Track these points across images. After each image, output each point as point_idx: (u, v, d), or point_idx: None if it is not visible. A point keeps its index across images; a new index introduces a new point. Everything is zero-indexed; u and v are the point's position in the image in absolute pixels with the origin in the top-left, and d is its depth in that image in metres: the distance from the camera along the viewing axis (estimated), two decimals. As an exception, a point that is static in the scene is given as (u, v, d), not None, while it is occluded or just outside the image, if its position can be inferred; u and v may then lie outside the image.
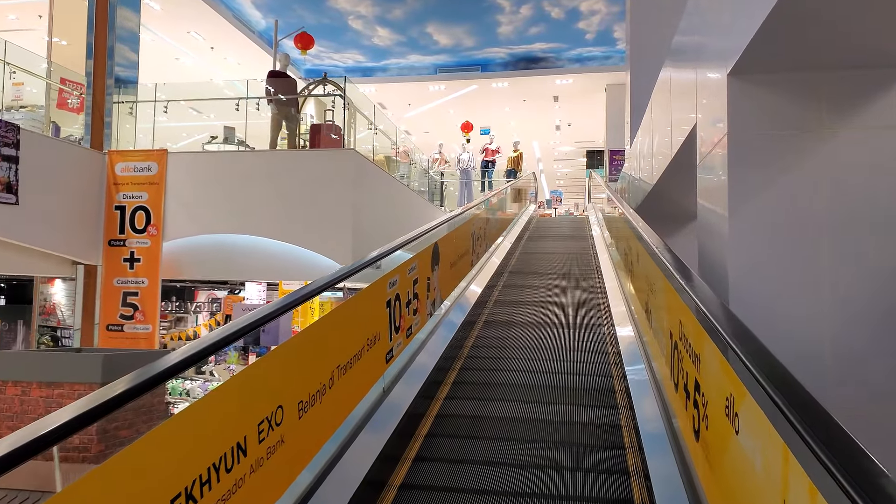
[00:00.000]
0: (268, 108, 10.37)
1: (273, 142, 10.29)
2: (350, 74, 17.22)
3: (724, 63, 3.12)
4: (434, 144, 17.23)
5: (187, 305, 15.54)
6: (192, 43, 14.36)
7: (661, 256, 3.23)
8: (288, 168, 9.12)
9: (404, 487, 2.85)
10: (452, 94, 17.45)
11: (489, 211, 8.46)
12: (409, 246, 4.23)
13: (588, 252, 9.07)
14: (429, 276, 4.03)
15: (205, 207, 9.18)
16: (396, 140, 12.34)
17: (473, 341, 4.82)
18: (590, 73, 15.98)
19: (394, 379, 3.58)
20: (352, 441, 2.89)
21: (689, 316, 2.42)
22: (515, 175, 16.30)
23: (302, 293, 2.49)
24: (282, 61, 10.70)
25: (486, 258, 7.64)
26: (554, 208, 21.61)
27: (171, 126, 13.20)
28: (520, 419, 3.55)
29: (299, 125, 10.71)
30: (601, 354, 4.56)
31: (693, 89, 4.05)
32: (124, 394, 1.49)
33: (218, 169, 9.25)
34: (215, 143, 11.60)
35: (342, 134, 9.29)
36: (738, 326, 1.97)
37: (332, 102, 10.01)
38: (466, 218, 6.17)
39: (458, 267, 5.20)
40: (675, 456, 2.82)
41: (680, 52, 4.72)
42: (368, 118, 10.89)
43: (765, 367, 1.59)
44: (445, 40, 15.20)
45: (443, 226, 5.15)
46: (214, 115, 12.73)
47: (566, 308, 5.87)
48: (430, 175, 16.22)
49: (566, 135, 22.00)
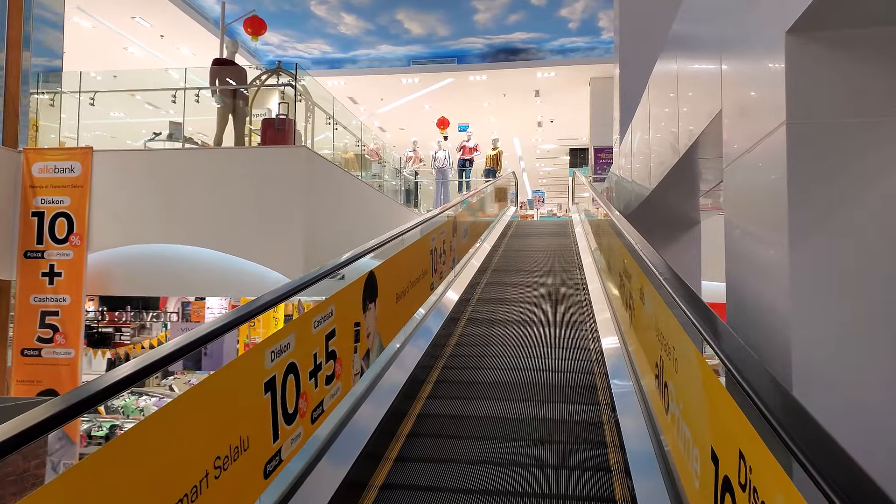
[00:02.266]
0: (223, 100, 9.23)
1: (218, 139, 9.13)
2: (316, 66, 16.05)
3: (779, 18, 2.06)
4: (410, 142, 16.11)
5: (143, 315, 14.38)
6: (139, 30, 13.08)
7: (681, 305, 2.17)
8: (232, 169, 7.97)
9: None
10: (427, 87, 16.30)
11: (463, 215, 7.37)
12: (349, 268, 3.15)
13: (576, 281, 8.03)
14: (357, 320, 2.94)
15: (137, 214, 7.99)
16: (362, 137, 11.19)
17: (413, 427, 3.50)
18: (573, 65, 14.92)
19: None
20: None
21: (738, 424, 1.36)
22: (494, 174, 15.24)
23: (209, 328, 1.90)
24: (230, 47, 9.52)
25: (452, 276, 6.54)
26: (536, 209, 20.57)
27: (131, 122, 12.04)
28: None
29: (250, 120, 9.58)
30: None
31: (715, 70, 3.00)
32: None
33: (153, 170, 8.06)
34: (159, 141, 10.45)
35: (293, 129, 8.13)
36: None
37: (282, 94, 8.86)
38: (429, 227, 5.08)
39: (412, 296, 4.10)
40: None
41: (692, 28, 3.67)
42: (327, 112, 9.74)
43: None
44: (418, 29, 14.06)
45: (394, 242, 4.05)
46: (174, 110, 11.57)
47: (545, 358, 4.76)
48: (403, 175, 15.10)
49: (549, 131, 20.95)
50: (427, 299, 4.85)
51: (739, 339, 1.83)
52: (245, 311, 2.11)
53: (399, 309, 3.73)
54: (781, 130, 2.08)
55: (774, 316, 2.16)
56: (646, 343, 2.99)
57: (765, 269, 2.27)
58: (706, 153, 3.80)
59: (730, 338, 1.75)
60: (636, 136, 6.79)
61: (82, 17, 12.46)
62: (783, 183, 2.06)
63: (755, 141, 2.32)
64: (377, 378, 3.54)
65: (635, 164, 6.90)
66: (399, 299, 3.73)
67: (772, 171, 2.18)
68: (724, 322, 1.97)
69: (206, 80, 9.08)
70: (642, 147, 6.19)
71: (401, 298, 3.75)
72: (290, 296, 2.40)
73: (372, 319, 3.13)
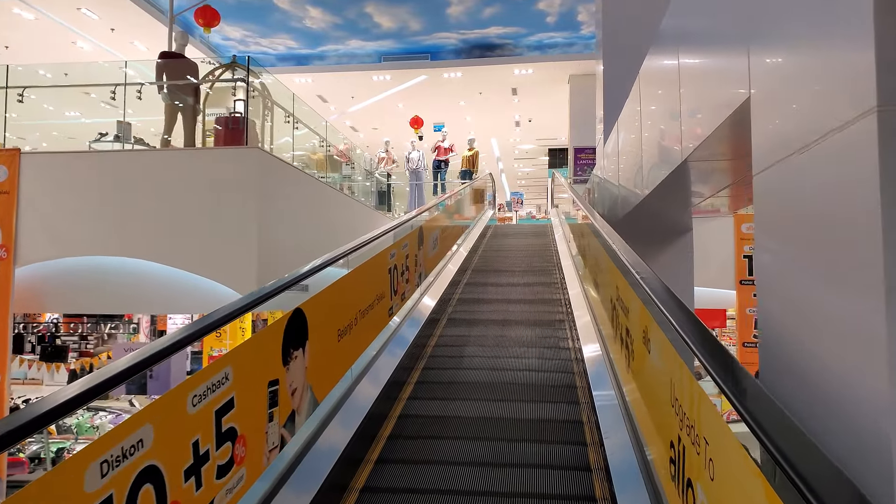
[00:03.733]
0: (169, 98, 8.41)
1: (165, 139, 8.33)
2: (283, 63, 15.21)
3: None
4: (383, 142, 15.34)
5: (100, 326, 13.48)
6: (87, 23, 12.13)
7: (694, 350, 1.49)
8: (180, 173, 7.17)
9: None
10: (400, 85, 15.52)
11: (433, 223, 6.65)
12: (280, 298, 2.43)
13: (556, 285, 7.36)
14: (275, 377, 2.21)
15: (73, 223, 7.16)
16: (327, 137, 10.40)
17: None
18: (551, 61, 14.25)
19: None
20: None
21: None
22: (471, 176, 14.54)
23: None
24: (178, 39, 8.70)
25: (419, 293, 5.80)
26: (515, 211, 19.89)
27: (87, 122, 11.13)
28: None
29: (204, 120, 8.77)
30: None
31: (739, 61, 2.33)
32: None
33: (93, 174, 7.23)
34: (106, 142, 9.60)
35: (248, 129, 7.33)
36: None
37: (234, 91, 8.07)
38: (387, 242, 4.35)
39: (362, 328, 3.36)
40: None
41: (699, 18, 3.00)
42: (287, 110, 8.96)
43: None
44: (388, 23, 13.29)
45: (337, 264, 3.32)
46: (134, 108, 10.71)
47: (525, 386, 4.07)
48: (375, 177, 14.33)
49: (527, 131, 20.30)
50: (387, 325, 4.11)
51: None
52: (177, 338, 1.88)
53: (343, 348, 3.00)
54: (868, 120, 1.40)
55: (853, 395, 1.47)
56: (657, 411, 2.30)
57: (834, 323, 1.58)
58: (718, 154, 3.14)
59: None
60: (623, 136, 6.13)
61: (23, 8, 11.50)
62: (872, 193, 1.37)
63: (817, 136, 1.64)
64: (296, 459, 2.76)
65: (622, 166, 6.25)
66: (343, 336, 2.99)
67: (849, 176, 1.50)
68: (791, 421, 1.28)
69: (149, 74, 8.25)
70: (631, 147, 5.53)
71: (345, 335, 3.01)
72: (213, 328, 2.02)
73: (299, 371, 2.40)
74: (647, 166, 4.53)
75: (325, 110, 17.60)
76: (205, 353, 12.09)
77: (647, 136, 4.58)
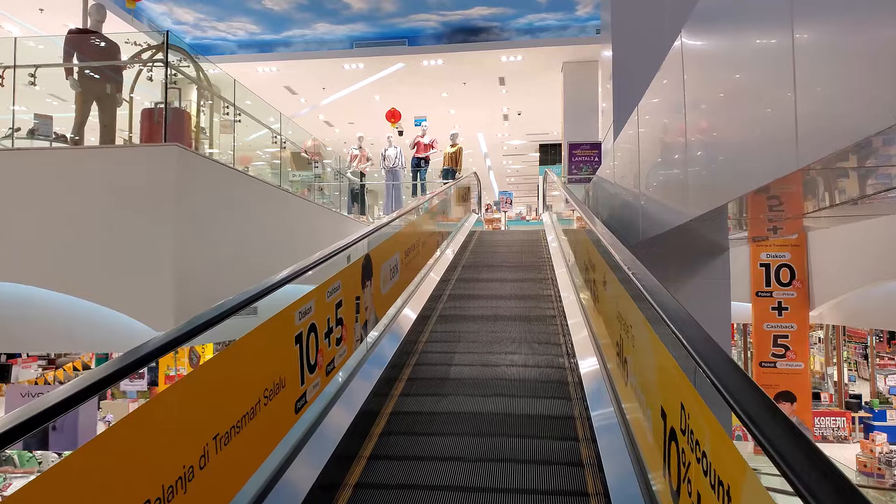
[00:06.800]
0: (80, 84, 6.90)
1: (77, 134, 6.83)
2: (244, 50, 13.64)
3: None
4: (356, 137, 13.83)
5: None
6: (12, 2, 10.54)
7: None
8: (89, 176, 5.66)
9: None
10: (374, 74, 13.98)
11: (390, 245, 5.17)
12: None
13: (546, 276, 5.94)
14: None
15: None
16: (282, 132, 8.87)
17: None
18: (543, 46, 12.77)
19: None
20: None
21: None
22: (454, 175, 13.07)
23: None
24: (93, 15, 7.13)
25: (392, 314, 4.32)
26: (504, 211, 18.42)
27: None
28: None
29: (130, 111, 7.25)
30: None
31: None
32: None
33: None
34: (21, 138, 8.04)
35: (163, 121, 5.80)
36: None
37: (166, 78, 6.54)
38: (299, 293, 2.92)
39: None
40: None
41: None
42: (227, 100, 7.46)
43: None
44: (359, 3, 11.74)
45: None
46: (57, 100, 9.13)
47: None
48: (347, 177, 12.82)
49: (516, 125, 18.81)
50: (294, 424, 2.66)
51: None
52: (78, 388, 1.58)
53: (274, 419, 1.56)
54: None
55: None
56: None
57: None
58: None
59: None
60: (648, 133, 4.69)
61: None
62: None
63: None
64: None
65: (643, 171, 4.81)
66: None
67: None
68: None
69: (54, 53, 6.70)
70: (662, 149, 4.09)
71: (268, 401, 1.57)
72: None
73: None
74: (699, 177, 3.08)
75: (295, 103, 16.04)
76: (161, 373, 10.74)
77: (695, 139, 3.14)
